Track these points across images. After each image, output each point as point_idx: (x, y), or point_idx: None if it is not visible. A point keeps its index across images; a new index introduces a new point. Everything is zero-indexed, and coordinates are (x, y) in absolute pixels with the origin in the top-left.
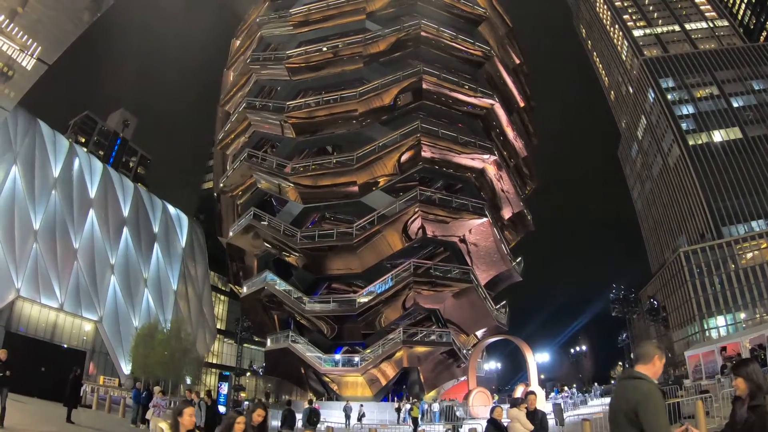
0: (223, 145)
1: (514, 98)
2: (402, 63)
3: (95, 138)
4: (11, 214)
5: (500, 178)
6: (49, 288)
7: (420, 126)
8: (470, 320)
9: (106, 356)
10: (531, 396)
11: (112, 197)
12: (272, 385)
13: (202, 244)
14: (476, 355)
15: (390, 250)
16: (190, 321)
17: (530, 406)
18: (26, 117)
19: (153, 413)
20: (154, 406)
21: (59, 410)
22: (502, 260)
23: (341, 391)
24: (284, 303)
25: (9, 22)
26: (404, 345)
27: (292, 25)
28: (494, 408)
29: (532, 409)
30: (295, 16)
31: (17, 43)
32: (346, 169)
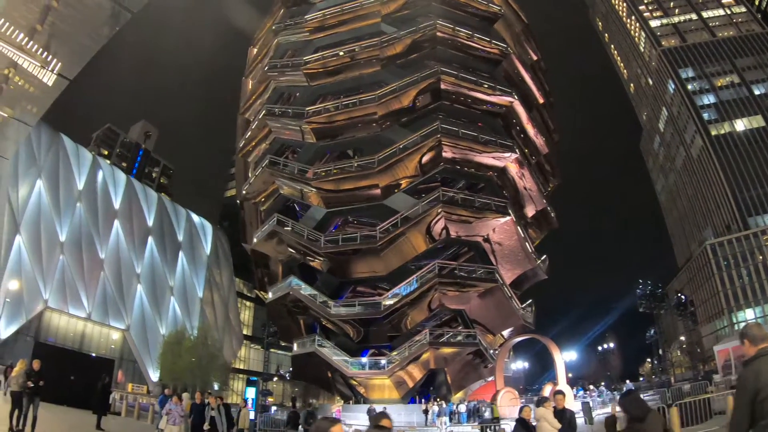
0: (245, 153)
1: (533, 95)
2: (419, 64)
3: (118, 150)
4: (37, 227)
5: (522, 175)
6: (77, 298)
7: (440, 126)
8: (496, 320)
9: (134, 364)
10: (558, 396)
11: (137, 208)
12: (299, 389)
13: (226, 251)
14: (503, 354)
15: (414, 251)
16: (216, 327)
17: (558, 405)
18: (49, 132)
19: (167, 421)
20: (167, 414)
21: (89, 418)
22: (526, 258)
23: (368, 394)
24: (310, 307)
25: (29, 40)
26: (430, 346)
27: (308, 31)
28: (523, 407)
29: (561, 408)
30: (311, 22)
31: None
32: (368, 173)
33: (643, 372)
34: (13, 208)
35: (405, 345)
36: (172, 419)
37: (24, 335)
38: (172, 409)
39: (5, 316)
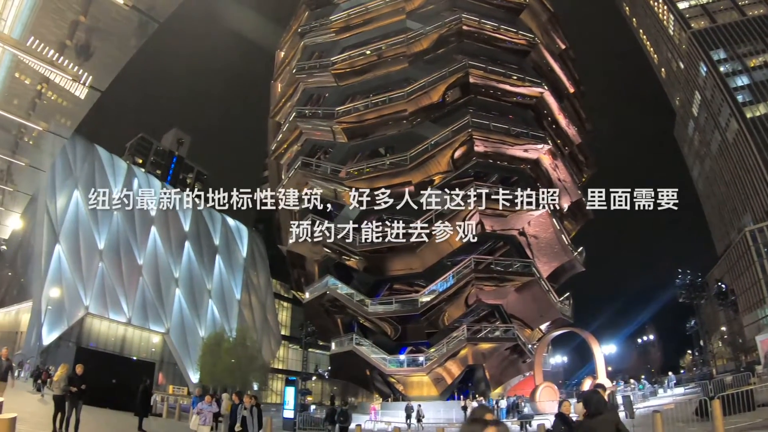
0: (277, 155)
1: (563, 84)
2: (447, 59)
3: (152, 158)
4: (76, 236)
5: (556, 167)
6: (117, 304)
7: (471, 121)
8: (534, 314)
9: (175, 366)
10: (599, 390)
11: (173, 214)
12: (338, 388)
13: (262, 253)
14: (541, 349)
15: (450, 247)
16: (254, 329)
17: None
18: (84, 143)
19: (198, 421)
20: (198, 413)
21: (131, 420)
22: (563, 251)
23: (407, 391)
24: (347, 306)
25: (59, 55)
26: (468, 342)
27: (334, 31)
28: (562, 402)
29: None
30: (336, 23)
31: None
32: (401, 170)
33: (683, 364)
34: (51, 219)
35: (443, 341)
36: (203, 419)
37: (66, 341)
38: (204, 408)
39: (47, 323)
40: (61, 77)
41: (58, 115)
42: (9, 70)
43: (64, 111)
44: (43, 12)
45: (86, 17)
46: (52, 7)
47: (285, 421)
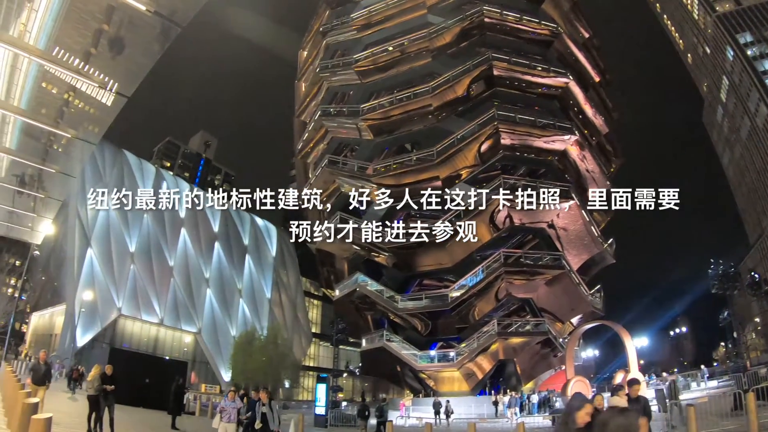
0: (303, 155)
1: (589, 74)
2: (470, 52)
3: (179, 161)
4: (108, 240)
5: (583, 158)
6: (149, 305)
7: (496, 114)
8: (565, 307)
9: (207, 365)
10: (635, 385)
11: (202, 215)
12: (369, 384)
13: (291, 252)
14: (573, 343)
15: (479, 242)
16: (285, 327)
17: (632, 395)
18: (112, 149)
19: (221, 419)
20: (220, 411)
21: (164, 418)
22: (593, 243)
23: (438, 386)
24: (377, 303)
25: (84, 64)
26: (499, 337)
27: (356, 29)
28: (594, 396)
29: (635, 396)
30: (357, 20)
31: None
32: (428, 165)
33: (717, 357)
34: (83, 224)
35: (473, 336)
36: (227, 416)
37: (100, 342)
38: (227, 405)
39: (81, 325)
40: (88, 85)
41: (86, 122)
42: (36, 80)
43: (92, 118)
44: (67, 22)
45: (109, 25)
46: (75, 17)
47: (316, 417)
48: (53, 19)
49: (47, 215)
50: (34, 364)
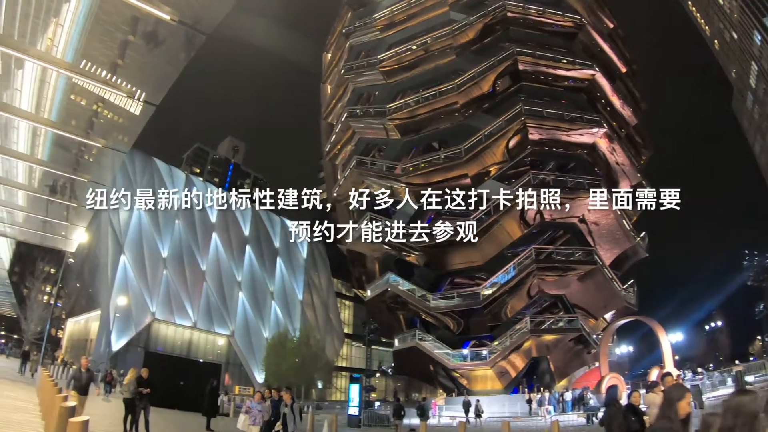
0: (331, 156)
1: (615, 65)
2: (494, 48)
3: (209, 167)
4: (140, 246)
5: (613, 150)
6: (182, 309)
7: (523, 109)
8: (598, 303)
9: (240, 367)
10: (668, 378)
11: (232, 219)
12: (402, 384)
13: (322, 254)
14: (606, 339)
15: (509, 238)
16: (317, 328)
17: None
18: (142, 157)
19: (247, 420)
20: (246, 412)
21: (199, 420)
22: (625, 237)
23: (471, 385)
24: (409, 302)
25: (112, 75)
26: (532, 334)
27: (378, 29)
28: (632, 393)
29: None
30: (380, 20)
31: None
32: (456, 163)
33: (753, 351)
34: (115, 231)
35: (506, 334)
36: (253, 418)
37: (135, 346)
38: (253, 406)
39: (116, 330)
40: (116, 95)
41: (116, 131)
42: (65, 92)
43: (121, 127)
44: (93, 35)
45: (135, 36)
46: (101, 30)
47: (350, 417)
48: (79, 33)
49: (80, 224)
50: (76, 372)
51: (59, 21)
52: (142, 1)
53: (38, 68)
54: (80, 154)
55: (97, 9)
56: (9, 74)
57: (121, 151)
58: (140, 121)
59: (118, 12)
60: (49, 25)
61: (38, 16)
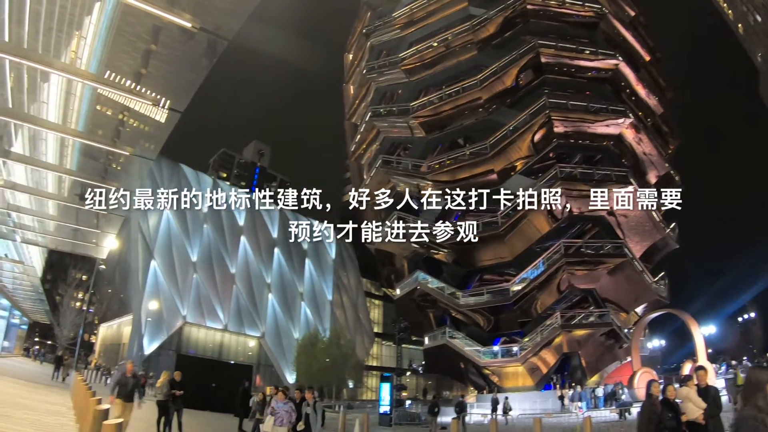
0: (357, 156)
1: (638, 53)
2: (516, 41)
3: (235, 171)
4: (170, 251)
5: (640, 140)
6: (213, 312)
7: (547, 102)
8: (629, 297)
9: (271, 368)
10: (701, 371)
11: (260, 222)
12: (432, 382)
13: (351, 254)
14: (638, 333)
15: (538, 233)
16: (347, 328)
17: (701, 382)
18: (169, 164)
19: (274, 422)
20: (272, 413)
21: (231, 421)
22: (654, 228)
23: (502, 382)
24: (438, 300)
25: (136, 84)
26: (562, 329)
27: (398, 27)
28: (666, 387)
29: (704, 386)
30: (400, 19)
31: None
32: (481, 159)
33: None
34: (145, 237)
35: (536, 330)
36: (280, 419)
37: (167, 349)
38: (278, 407)
39: (148, 334)
40: (141, 104)
41: (142, 139)
42: (91, 103)
43: (147, 135)
44: (116, 46)
45: (157, 45)
46: (124, 41)
47: (381, 416)
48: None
49: (110, 231)
50: (121, 377)
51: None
52: (163, 11)
53: (63, 80)
54: (108, 163)
55: (118, 20)
56: (35, 88)
57: (148, 158)
58: (166, 128)
59: (139, 22)
60: (72, 38)
61: (61, 30)
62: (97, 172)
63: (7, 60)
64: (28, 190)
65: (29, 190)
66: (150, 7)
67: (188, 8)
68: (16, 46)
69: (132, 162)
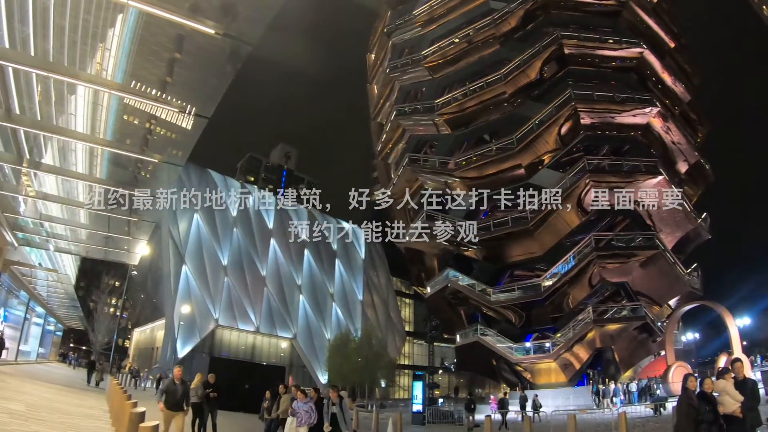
0: (383, 155)
1: (662, 40)
2: (538, 34)
3: (262, 174)
4: (201, 256)
5: (668, 129)
6: (244, 314)
7: (572, 93)
8: (661, 289)
9: (304, 369)
10: (737, 363)
11: (289, 224)
12: (464, 380)
13: (380, 253)
14: (672, 326)
15: (567, 227)
16: (379, 327)
17: (738, 375)
18: (197, 169)
19: (294, 424)
20: (293, 414)
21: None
22: (686, 219)
23: (534, 379)
24: (469, 297)
25: (162, 92)
26: (595, 324)
27: (419, 25)
28: (703, 380)
29: (741, 378)
30: (420, 17)
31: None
32: (508, 154)
33: None
34: (176, 242)
35: (569, 325)
36: (300, 419)
37: (200, 352)
38: (298, 408)
39: (181, 338)
40: (168, 111)
41: (170, 146)
42: (118, 113)
43: (175, 142)
44: (140, 56)
45: (181, 53)
46: (147, 51)
47: (414, 415)
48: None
49: (142, 237)
50: (169, 384)
51: (106, 45)
52: (186, 18)
53: (90, 92)
54: (137, 171)
55: (141, 31)
56: (63, 100)
57: (176, 164)
58: (193, 134)
59: (162, 32)
60: (97, 50)
61: (85, 43)
62: (127, 180)
63: (34, 74)
64: (60, 200)
65: (61, 200)
66: (172, 16)
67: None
68: (42, 59)
69: (161, 169)
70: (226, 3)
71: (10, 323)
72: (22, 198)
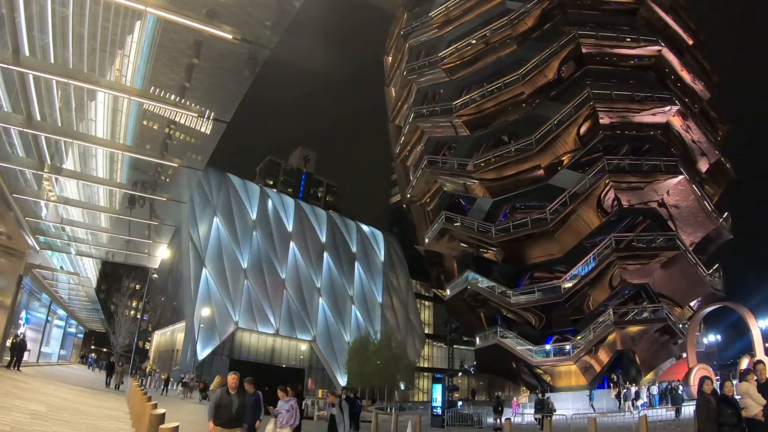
0: (402, 158)
1: (681, 37)
2: (555, 33)
3: (282, 178)
4: (220, 259)
5: (688, 128)
6: (264, 317)
7: (591, 93)
8: (682, 290)
9: (323, 371)
10: (760, 365)
11: (309, 227)
12: (484, 382)
13: (400, 256)
14: (693, 328)
15: (587, 228)
16: (398, 330)
17: (761, 377)
18: (217, 174)
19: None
20: (277, 415)
21: None
22: (707, 219)
23: (555, 381)
24: (489, 299)
25: (180, 98)
26: (615, 326)
27: (436, 27)
28: (724, 383)
29: (764, 381)
30: (437, 18)
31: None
32: (527, 155)
33: None
34: (196, 246)
35: (589, 327)
36: (281, 420)
37: (220, 354)
38: (279, 407)
39: (201, 340)
40: (187, 116)
41: (190, 151)
42: (137, 118)
43: (194, 147)
44: (159, 62)
45: (199, 58)
46: (166, 57)
47: (433, 417)
48: (145, 62)
49: (162, 241)
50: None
51: (125, 52)
52: (203, 24)
53: (109, 98)
54: (157, 175)
55: (159, 37)
56: (83, 106)
57: (196, 169)
58: (212, 139)
59: (180, 38)
60: (116, 57)
61: (104, 50)
62: (147, 184)
63: (54, 81)
64: (81, 205)
65: (82, 205)
66: (190, 22)
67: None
68: (62, 67)
69: (180, 173)
70: (243, 8)
71: (32, 325)
72: (43, 203)
